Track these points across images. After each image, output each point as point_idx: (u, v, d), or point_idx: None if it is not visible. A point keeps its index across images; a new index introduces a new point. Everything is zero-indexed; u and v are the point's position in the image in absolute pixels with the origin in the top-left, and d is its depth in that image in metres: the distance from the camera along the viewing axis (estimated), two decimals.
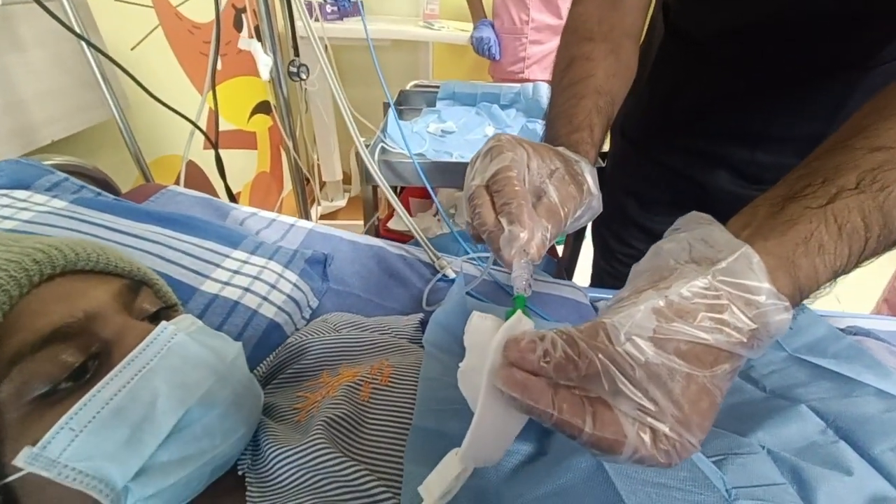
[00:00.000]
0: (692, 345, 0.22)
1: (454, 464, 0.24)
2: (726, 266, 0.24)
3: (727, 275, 0.24)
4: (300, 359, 0.45)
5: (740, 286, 0.23)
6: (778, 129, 0.59)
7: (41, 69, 0.80)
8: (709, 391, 0.23)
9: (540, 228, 0.32)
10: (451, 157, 1.11)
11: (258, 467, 0.35)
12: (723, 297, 0.23)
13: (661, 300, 0.23)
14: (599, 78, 0.46)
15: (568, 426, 0.21)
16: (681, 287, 0.23)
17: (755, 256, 0.24)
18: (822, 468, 0.38)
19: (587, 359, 0.21)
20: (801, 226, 0.25)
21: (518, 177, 0.34)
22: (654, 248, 0.28)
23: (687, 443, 0.22)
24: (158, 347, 0.31)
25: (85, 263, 0.33)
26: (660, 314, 0.22)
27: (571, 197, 0.36)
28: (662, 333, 0.22)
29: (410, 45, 2.00)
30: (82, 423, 0.27)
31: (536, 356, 0.22)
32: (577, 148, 0.42)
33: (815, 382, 0.49)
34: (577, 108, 0.44)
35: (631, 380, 0.21)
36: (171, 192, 0.77)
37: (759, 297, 0.23)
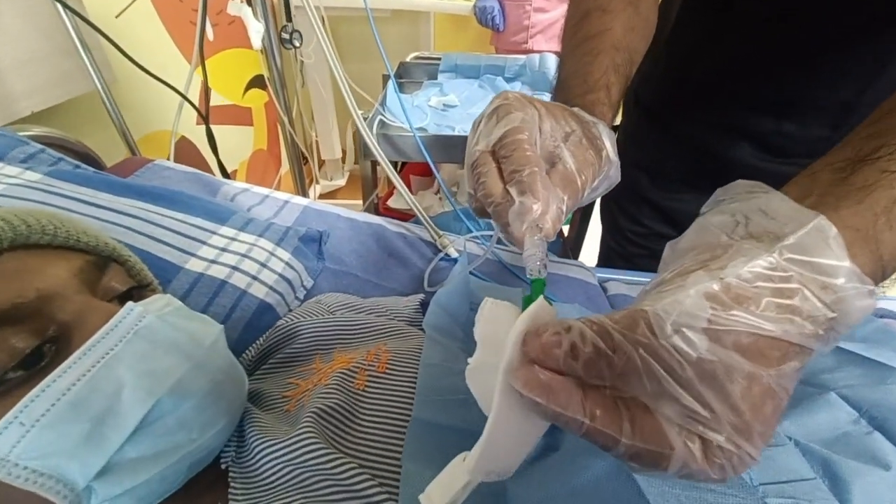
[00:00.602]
0: (755, 337, 0.18)
1: (461, 472, 0.21)
2: (795, 241, 0.20)
3: (797, 252, 0.19)
4: (291, 342, 0.42)
5: (814, 266, 0.19)
6: (810, 96, 0.54)
7: (17, 36, 0.75)
8: (773, 393, 0.19)
9: (555, 200, 0.28)
10: (453, 131, 1.06)
11: (243, 461, 0.32)
12: (793, 280, 0.19)
13: (715, 283, 0.19)
14: (617, 32, 0.42)
15: (602, 436, 0.18)
16: (739, 267, 0.19)
17: (832, 229, 0.20)
18: (856, 462, 0.35)
19: (624, 354, 0.18)
20: (879, 192, 0.21)
21: (529, 140, 0.29)
22: (699, 223, 0.24)
23: (746, 455, 0.18)
24: (124, 331, 0.27)
25: (39, 237, 0.29)
26: (714, 300, 0.18)
27: (589, 164, 0.32)
28: (718, 324, 0.18)
29: (411, 16, 1.92)
30: (34, 417, 0.24)
31: (562, 351, 0.18)
32: (593, 110, 0.37)
33: (844, 368, 0.45)
34: (592, 65, 0.40)
35: (679, 380, 0.18)
36: (158, 167, 0.73)
37: (837, 280, 0.19)
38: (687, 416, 0.18)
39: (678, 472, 0.18)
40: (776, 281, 0.19)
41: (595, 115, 0.36)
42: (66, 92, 0.85)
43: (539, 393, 0.18)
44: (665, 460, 0.18)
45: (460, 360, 0.38)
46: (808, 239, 0.20)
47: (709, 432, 0.18)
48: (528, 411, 0.19)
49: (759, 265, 0.19)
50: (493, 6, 1.65)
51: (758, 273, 0.19)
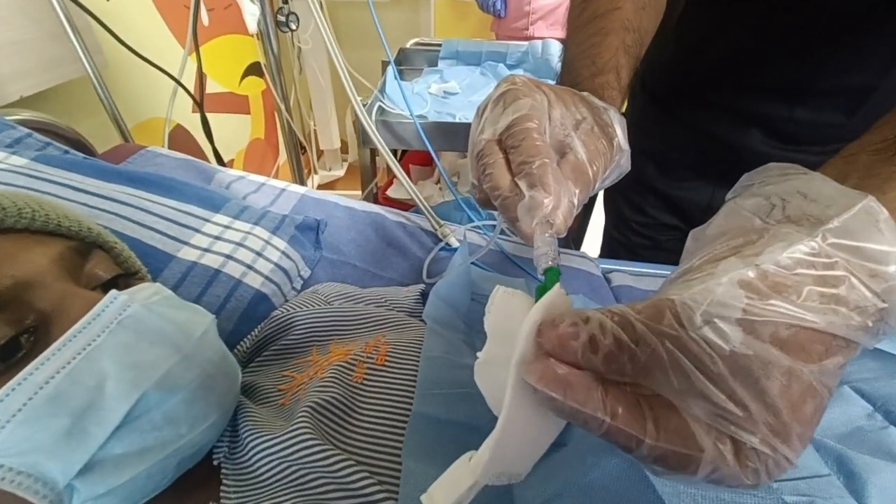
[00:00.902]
0: (795, 330, 0.17)
1: (467, 473, 0.19)
2: (841, 224, 0.18)
3: (843, 236, 0.18)
4: (286, 334, 0.41)
5: (862, 252, 0.17)
6: (824, 81, 0.52)
7: (5, 18, 0.72)
8: (815, 392, 0.17)
9: (566, 193, 0.26)
10: (454, 118, 1.04)
11: (236, 457, 0.31)
12: (838, 267, 0.17)
13: (750, 270, 0.17)
14: (627, 11, 0.39)
15: (624, 436, 0.16)
16: (778, 253, 0.17)
17: (882, 211, 0.18)
18: (871, 457, 0.34)
19: (648, 347, 0.16)
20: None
21: (539, 129, 0.27)
22: (730, 206, 0.22)
23: (783, 459, 0.16)
24: (107, 321, 0.26)
25: (15, 220, 0.27)
26: (750, 289, 0.17)
27: (601, 153, 0.30)
28: (754, 314, 0.16)
29: (410, 2, 1.88)
30: (10, 412, 0.22)
31: (580, 343, 0.17)
32: (602, 94, 0.35)
33: (857, 361, 0.44)
34: (601, 46, 0.38)
35: (710, 376, 0.16)
36: (151, 153, 0.71)
37: (888, 268, 0.17)
38: (717, 416, 0.16)
39: (707, 476, 0.16)
40: (819, 268, 0.17)
41: (604, 100, 0.34)
42: (57, 76, 0.82)
43: (555, 388, 0.16)
44: (693, 463, 0.16)
45: (463, 353, 0.37)
46: (855, 222, 0.18)
47: (742, 433, 0.16)
48: (543, 409, 0.17)
49: (799, 250, 0.17)
50: None
51: (798, 259, 0.17)
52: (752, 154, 0.60)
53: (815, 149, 0.57)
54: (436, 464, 0.21)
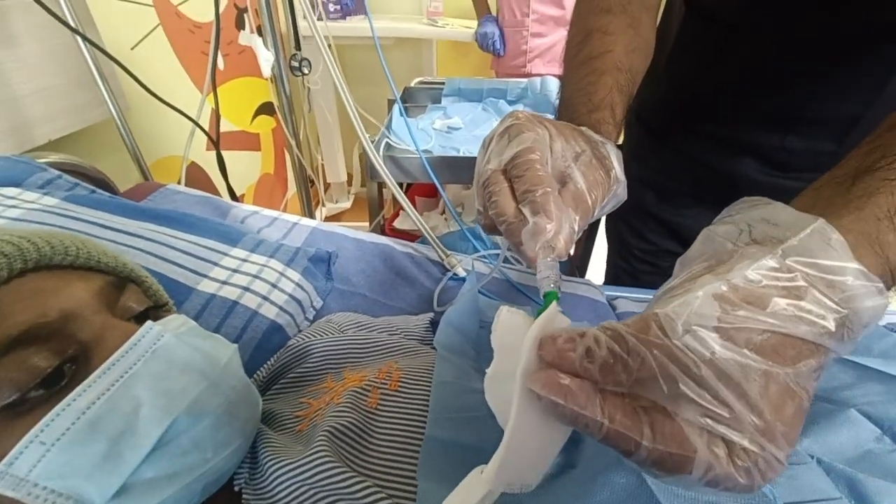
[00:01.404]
0: (768, 335, 0.18)
1: (478, 485, 0.20)
2: (798, 243, 0.20)
3: (801, 253, 0.20)
4: (302, 362, 0.42)
5: (819, 266, 0.20)
6: (813, 111, 0.55)
7: (35, 65, 0.77)
8: (793, 393, 0.18)
9: (567, 220, 0.28)
10: (458, 152, 1.08)
11: (256, 482, 0.32)
12: (799, 279, 0.19)
13: (722, 284, 0.19)
14: (619, 53, 0.43)
15: (622, 439, 0.17)
16: (745, 269, 0.19)
17: (833, 232, 0.20)
18: (882, 481, 0.34)
19: (639, 357, 0.18)
20: (881, 198, 0.22)
21: (541, 160, 0.30)
22: (706, 233, 0.24)
23: (772, 458, 0.18)
24: (142, 351, 0.27)
25: (62, 258, 0.29)
26: (723, 300, 0.19)
27: (599, 183, 0.33)
28: (729, 323, 0.18)
29: (414, 44, 1.97)
30: (54, 436, 0.24)
31: (578, 355, 0.18)
32: (599, 128, 0.38)
33: (863, 384, 0.45)
34: (596, 84, 0.41)
35: (696, 379, 0.17)
36: (170, 191, 0.74)
37: (843, 278, 0.19)
38: (707, 417, 0.18)
39: (703, 477, 0.18)
40: (783, 281, 0.19)
41: (601, 134, 0.37)
42: (83, 120, 0.87)
43: (557, 393, 0.18)
44: (689, 464, 0.17)
45: (472, 379, 0.38)
46: (810, 241, 0.20)
47: (731, 433, 0.18)
48: (548, 416, 0.19)
49: (764, 266, 0.20)
50: (493, 31, 1.70)
51: (764, 274, 0.19)
52: (747, 181, 0.62)
53: (809, 175, 0.59)
54: (449, 484, 0.22)
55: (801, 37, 0.50)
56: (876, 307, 0.20)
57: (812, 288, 0.19)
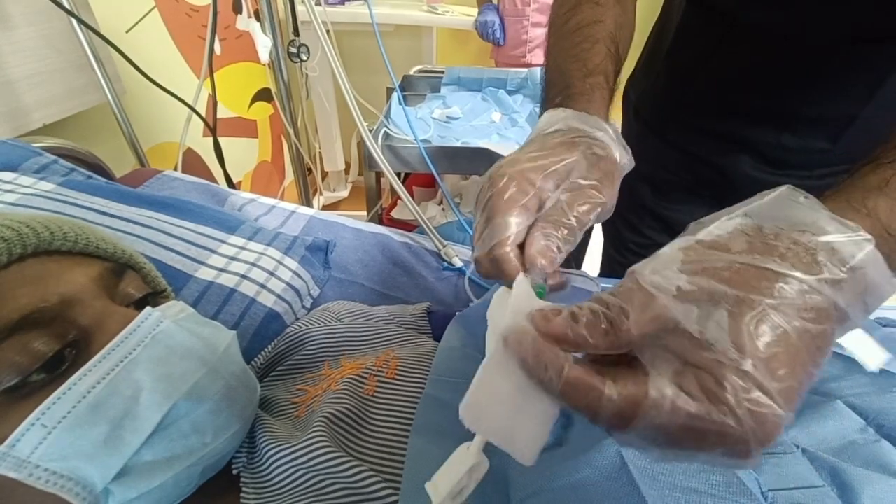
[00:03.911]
0: (738, 267, 0.18)
1: (466, 457, 0.21)
2: (764, 203, 0.20)
3: (766, 211, 0.19)
4: (300, 349, 0.43)
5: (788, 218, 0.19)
6: (811, 109, 0.55)
7: (30, 49, 0.76)
8: (774, 323, 0.16)
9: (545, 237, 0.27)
10: (456, 142, 1.07)
11: (254, 466, 0.32)
12: (766, 229, 0.19)
13: (689, 240, 0.20)
14: (610, 25, 0.42)
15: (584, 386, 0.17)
16: (711, 227, 0.20)
17: (802, 194, 0.20)
18: (865, 469, 0.35)
19: (617, 307, 0.19)
20: (871, 177, 0.22)
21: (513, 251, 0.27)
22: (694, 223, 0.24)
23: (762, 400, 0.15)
24: (142, 336, 0.28)
25: (61, 243, 0.30)
26: (689, 250, 0.19)
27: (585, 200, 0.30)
28: (693, 262, 0.18)
29: (413, 31, 1.95)
30: (56, 419, 0.24)
31: (563, 318, 0.19)
32: (593, 94, 0.37)
33: (850, 376, 0.45)
34: (591, 51, 0.40)
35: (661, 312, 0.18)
36: (167, 177, 0.74)
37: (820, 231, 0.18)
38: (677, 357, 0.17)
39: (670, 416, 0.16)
40: (749, 232, 0.19)
41: (595, 100, 0.36)
42: (79, 104, 0.86)
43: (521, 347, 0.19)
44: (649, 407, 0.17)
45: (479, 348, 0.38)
46: (776, 201, 0.20)
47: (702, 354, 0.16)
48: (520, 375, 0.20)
49: (731, 224, 0.20)
50: (493, 20, 1.69)
51: (731, 229, 0.20)
52: (743, 178, 0.62)
53: (804, 173, 0.59)
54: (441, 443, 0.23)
55: (798, 33, 0.50)
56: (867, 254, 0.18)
57: (782, 233, 0.19)
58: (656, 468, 0.30)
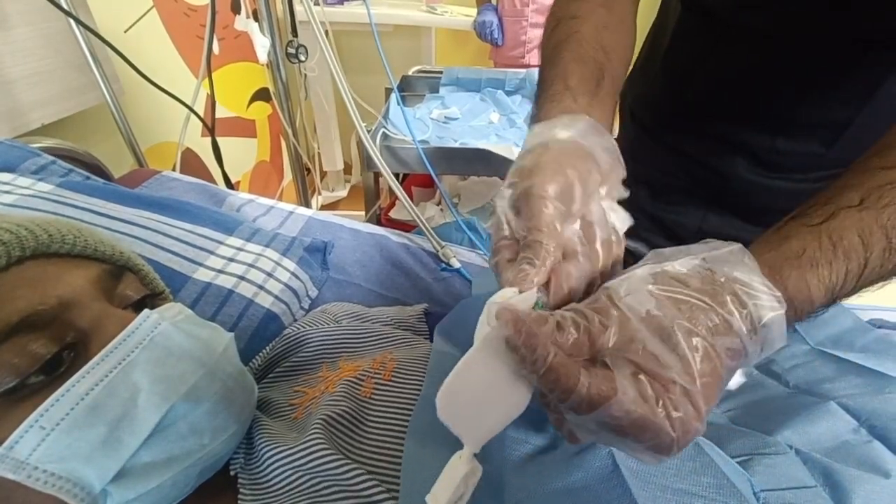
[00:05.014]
0: (691, 305, 0.22)
1: (459, 466, 0.22)
2: (719, 254, 0.24)
3: (720, 262, 0.24)
4: (298, 351, 0.43)
5: (732, 276, 0.23)
6: (805, 114, 0.55)
7: (28, 49, 0.76)
8: (711, 356, 0.21)
9: None
10: (455, 143, 1.07)
11: (252, 467, 0.32)
12: (717, 275, 0.23)
13: (658, 268, 0.24)
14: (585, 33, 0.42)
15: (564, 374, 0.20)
16: (676, 263, 0.24)
17: (747, 255, 0.24)
18: (856, 470, 0.36)
19: (597, 324, 0.21)
20: (794, 241, 0.25)
21: None
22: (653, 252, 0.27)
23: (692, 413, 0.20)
24: (140, 338, 0.28)
25: (59, 246, 0.30)
26: (657, 277, 0.23)
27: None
28: (661, 290, 0.22)
29: (412, 31, 1.95)
30: (54, 421, 0.24)
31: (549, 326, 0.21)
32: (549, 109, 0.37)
33: (843, 378, 0.46)
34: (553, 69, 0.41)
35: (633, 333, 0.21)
36: (165, 178, 0.74)
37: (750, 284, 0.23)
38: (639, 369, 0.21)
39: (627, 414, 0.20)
40: (703, 274, 0.24)
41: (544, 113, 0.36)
42: (77, 104, 0.86)
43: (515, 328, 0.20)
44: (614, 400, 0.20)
45: None
46: (729, 255, 0.24)
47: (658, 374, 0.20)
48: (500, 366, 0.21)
49: (691, 263, 0.24)
50: (492, 21, 1.69)
51: (690, 267, 0.24)
52: (739, 180, 0.63)
53: (798, 176, 0.60)
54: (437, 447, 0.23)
55: (793, 38, 0.50)
56: (776, 316, 0.23)
57: (725, 283, 0.23)
58: (647, 470, 0.30)
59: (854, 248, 0.25)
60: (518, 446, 0.32)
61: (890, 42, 0.47)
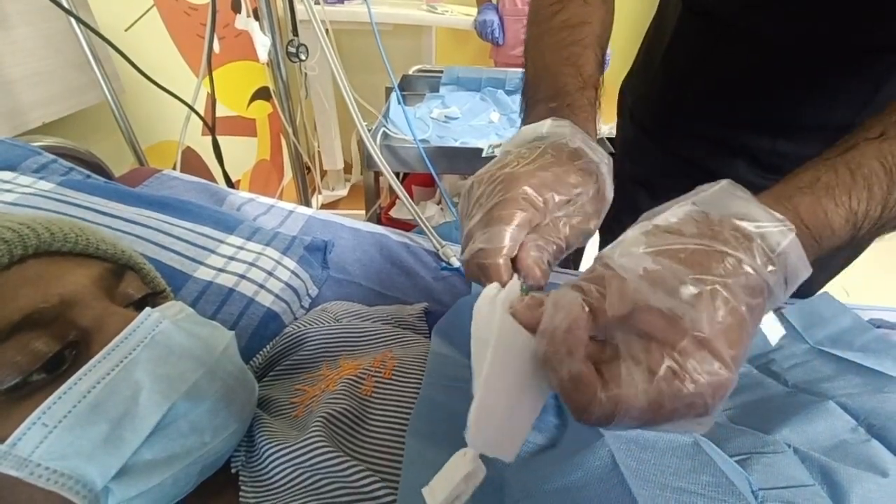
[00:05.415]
0: (691, 251, 0.20)
1: (462, 464, 0.21)
2: (708, 194, 0.23)
3: (710, 201, 0.22)
4: (298, 349, 0.43)
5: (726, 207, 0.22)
6: (806, 116, 0.55)
7: (29, 48, 0.76)
8: (725, 298, 0.19)
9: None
10: (455, 142, 1.08)
11: (253, 465, 0.33)
12: (712, 217, 0.22)
13: (648, 224, 0.22)
14: (597, 28, 0.42)
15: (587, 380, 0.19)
16: (666, 214, 0.23)
17: (739, 188, 0.23)
18: (854, 469, 0.36)
19: (593, 293, 0.20)
20: (805, 174, 0.24)
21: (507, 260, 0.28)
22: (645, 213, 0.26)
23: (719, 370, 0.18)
24: (141, 336, 0.28)
25: (61, 244, 0.30)
26: (649, 234, 0.22)
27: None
28: (655, 245, 0.21)
29: (412, 30, 1.95)
30: (56, 419, 0.25)
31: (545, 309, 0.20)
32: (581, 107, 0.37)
33: (842, 377, 0.46)
34: (582, 58, 0.39)
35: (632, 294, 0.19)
36: (166, 177, 0.74)
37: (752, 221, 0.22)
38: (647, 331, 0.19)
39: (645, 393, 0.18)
40: (697, 218, 0.22)
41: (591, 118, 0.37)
42: (77, 103, 0.86)
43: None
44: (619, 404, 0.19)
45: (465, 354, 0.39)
46: (719, 193, 0.23)
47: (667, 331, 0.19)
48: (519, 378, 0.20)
49: (682, 211, 0.23)
50: (492, 20, 1.69)
51: (681, 216, 0.22)
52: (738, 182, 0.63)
53: None
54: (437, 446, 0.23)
55: (795, 40, 0.50)
56: (790, 242, 0.21)
57: (723, 220, 0.22)
58: (647, 469, 0.30)
59: (875, 173, 0.23)
60: None
61: (891, 44, 0.47)
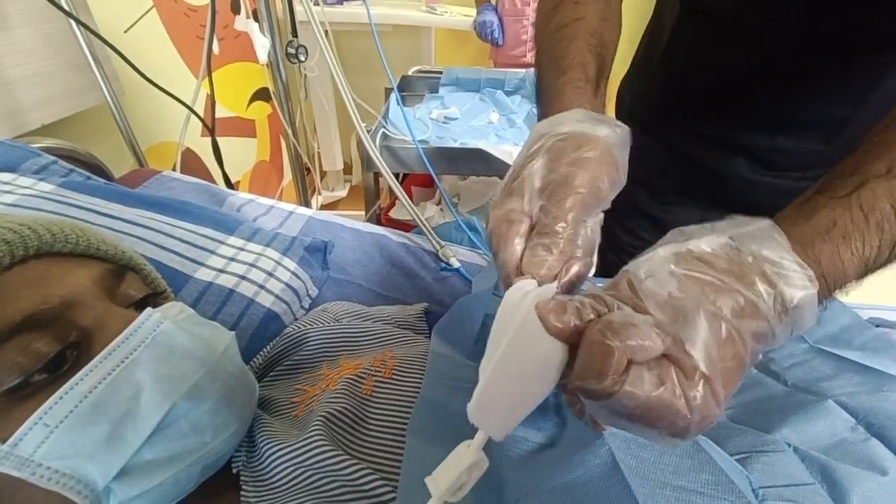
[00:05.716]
0: (715, 287, 0.21)
1: (465, 454, 0.22)
2: (746, 231, 0.23)
3: (747, 240, 0.23)
4: (299, 350, 0.43)
5: (760, 255, 0.22)
6: (805, 112, 0.55)
7: (28, 49, 0.76)
8: (734, 340, 0.20)
9: None
10: (454, 143, 1.08)
11: (254, 465, 0.33)
12: (744, 255, 0.22)
13: (682, 248, 0.22)
14: (591, 20, 0.42)
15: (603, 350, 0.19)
16: (700, 241, 0.23)
17: (777, 231, 0.23)
18: (854, 467, 0.36)
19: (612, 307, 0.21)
20: (823, 214, 0.25)
21: None
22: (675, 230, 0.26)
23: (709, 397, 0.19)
24: (142, 337, 0.28)
25: (62, 245, 0.30)
26: (679, 257, 0.22)
27: None
28: (684, 270, 0.21)
29: (412, 31, 1.95)
30: (58, 419, 0.25)
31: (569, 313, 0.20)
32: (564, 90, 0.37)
33: (842, 376, 0.46)
34: (567, 49, 0.40)
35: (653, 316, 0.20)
36: (166, 178, 0.74)
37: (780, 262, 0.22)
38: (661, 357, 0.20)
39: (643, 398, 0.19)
40: (731, 254, 0.22)
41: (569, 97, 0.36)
42: (77, 104, 0.86)
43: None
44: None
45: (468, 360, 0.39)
46: (757, 232, 0.23)
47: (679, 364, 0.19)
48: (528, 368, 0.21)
49: (717, 241, 0.23)
50: (492, 20, 1.69)
51: (716, 248, 0.23)
52: (738, 180, 0.63)
53: (797, 174, 0.60)
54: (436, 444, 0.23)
55: (793, 38, 0.50)
56: (807, 296, 0.22)
57: (753, 262, 0.22)
58: (647, 468, 0.30)
59: (887, 217, 0.24)
60: (517, 444, 0.32)
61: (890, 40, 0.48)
